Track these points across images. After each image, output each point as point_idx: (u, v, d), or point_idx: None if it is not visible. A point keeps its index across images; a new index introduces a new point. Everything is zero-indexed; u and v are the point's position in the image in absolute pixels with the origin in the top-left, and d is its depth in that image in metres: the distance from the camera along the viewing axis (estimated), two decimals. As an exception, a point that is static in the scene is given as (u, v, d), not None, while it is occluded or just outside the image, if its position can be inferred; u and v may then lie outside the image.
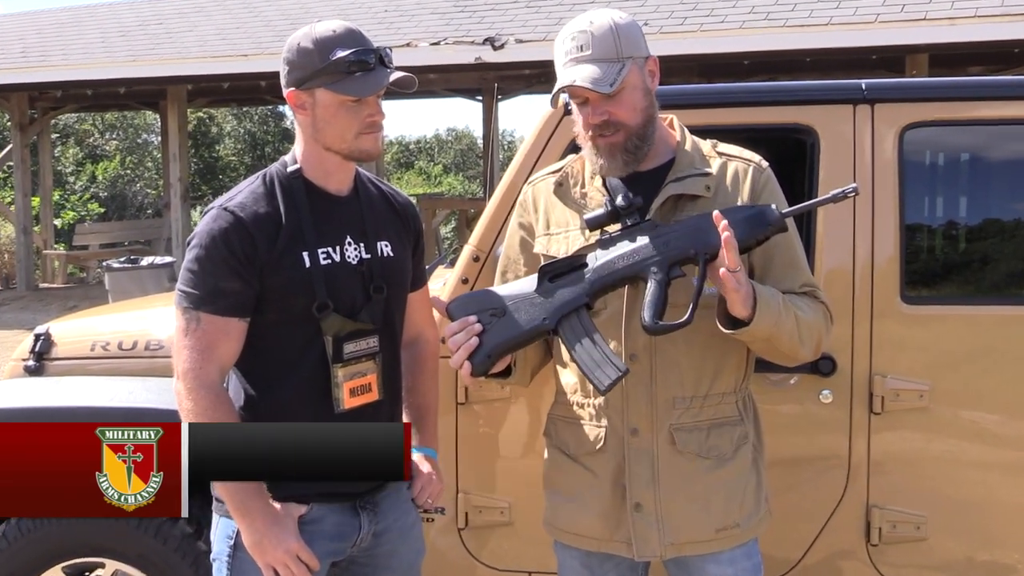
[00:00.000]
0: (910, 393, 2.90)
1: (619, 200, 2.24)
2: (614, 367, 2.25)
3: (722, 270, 2.11)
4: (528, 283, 2.31)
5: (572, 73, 2.27)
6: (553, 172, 2.55)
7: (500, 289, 2.36)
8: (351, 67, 2.23)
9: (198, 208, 25.53)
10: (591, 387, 2.39)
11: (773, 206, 2.23)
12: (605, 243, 2.26)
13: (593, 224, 2.27)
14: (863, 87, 2.99)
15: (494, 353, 2.27)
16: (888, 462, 2.97)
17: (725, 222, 2.13)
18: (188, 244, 2.28)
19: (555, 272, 2.28)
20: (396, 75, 2.27)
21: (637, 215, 2.25)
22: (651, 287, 2.20)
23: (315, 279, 2.27)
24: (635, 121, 2.31)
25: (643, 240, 2.22)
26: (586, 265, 2.26)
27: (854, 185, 2.21)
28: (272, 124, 32.58)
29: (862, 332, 2.93)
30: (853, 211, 2.94)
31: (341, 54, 2.23)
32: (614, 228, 2.31)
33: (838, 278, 2.94)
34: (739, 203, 2.32)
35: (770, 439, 2.57)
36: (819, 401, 2.93)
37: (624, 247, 2.23)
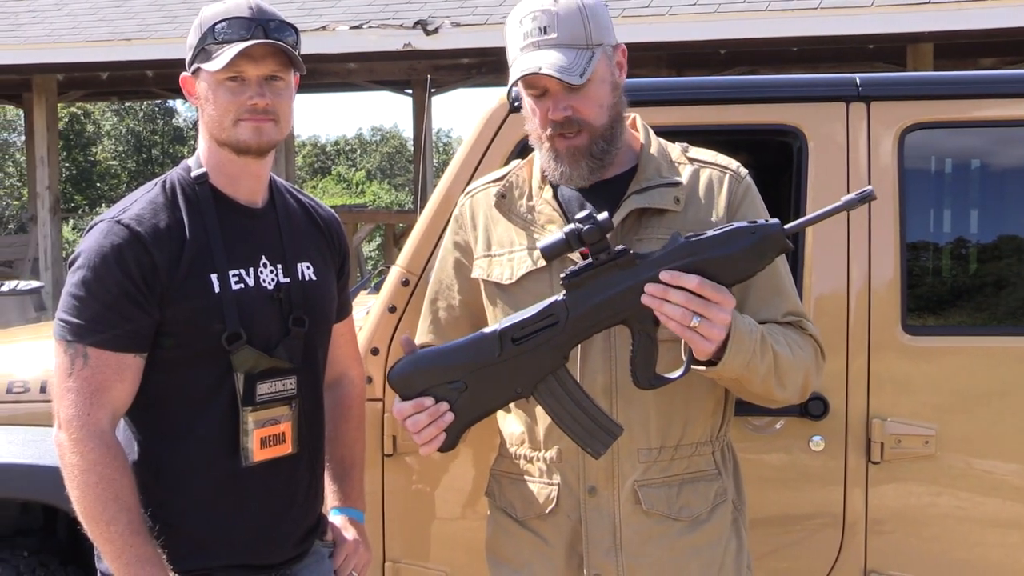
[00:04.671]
0: (914, 439, 2.94)
1: (584, 225, 2.13)
2: (606, 432, 2.23)
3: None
4: (484, 343, 2.23)
5: (536, 59, 2.27)
6: (494, 181, 2.56)
7: (449, 351, 2.26)
8: (223, 39, 2.24)
9: (71, 222, 25.18)
10: (540, 437, 2.42)
11: (775, 222, 2.17)
12: (575, 285, 2.17)
13: (550, 253, 2.19)
14: (857, 82, 3.06)
15: (464, 432, 2.27)
16: (889, 520, 3.00)
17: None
18: (71, 265, 2.25)
19: (520, 334, 2.21)
20: (248, 43, 2.22)
21: (607, 243, 2.17)
22: (640, 342, 2.17)
23: (226, 307, 2.27)
24: (601, 120, 2.33)
25: (624, 283, 2.15)
26: (557, 322, 2.18)
27: (869, 188, 2.16)
28: (161, 122, 32.30)
29: (858, 368, 2.97)
30: (847, 227, 2.99)
31: (219, 27, 2.26)
32: (574, 255, 2.24)
33: (829, 305, 3.00)
34: (713, 217, 2.34)
35: (753, 495, 2.60)
36: (809, 449, 2.98)
37: (600, 293, 2.17)
